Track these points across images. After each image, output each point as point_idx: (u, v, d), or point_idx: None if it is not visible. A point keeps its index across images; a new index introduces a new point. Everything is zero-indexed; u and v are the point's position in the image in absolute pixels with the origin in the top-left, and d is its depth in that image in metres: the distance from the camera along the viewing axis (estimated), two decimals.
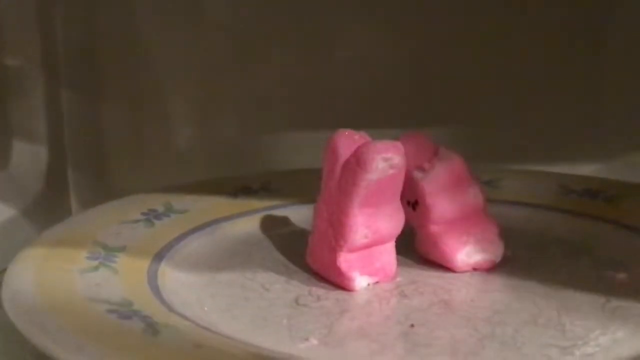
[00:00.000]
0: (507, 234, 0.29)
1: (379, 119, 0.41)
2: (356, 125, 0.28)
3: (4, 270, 0.25)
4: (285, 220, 0.33)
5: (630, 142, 0.44)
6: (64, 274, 0.25)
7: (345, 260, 0.26)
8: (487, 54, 0.43)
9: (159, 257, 0.28)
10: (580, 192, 0.35)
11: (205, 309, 0.25)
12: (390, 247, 0.28)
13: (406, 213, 0.28)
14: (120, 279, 0.25)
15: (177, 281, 0.27)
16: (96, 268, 0.26)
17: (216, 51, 0.43)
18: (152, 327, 0.21)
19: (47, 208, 0.41)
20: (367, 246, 0.27)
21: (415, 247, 0.29)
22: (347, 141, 0.27)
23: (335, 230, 0.27)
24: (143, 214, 0.31)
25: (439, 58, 0.43)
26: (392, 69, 0.43)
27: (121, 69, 0.43)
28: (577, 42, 0.43)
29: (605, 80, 0.44)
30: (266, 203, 0.34)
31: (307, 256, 0.28)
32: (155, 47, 0.43)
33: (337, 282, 0.27)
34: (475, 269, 0.28)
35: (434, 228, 0.28)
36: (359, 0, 0.43)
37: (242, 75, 0.44)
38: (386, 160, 0.25)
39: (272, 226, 0.33)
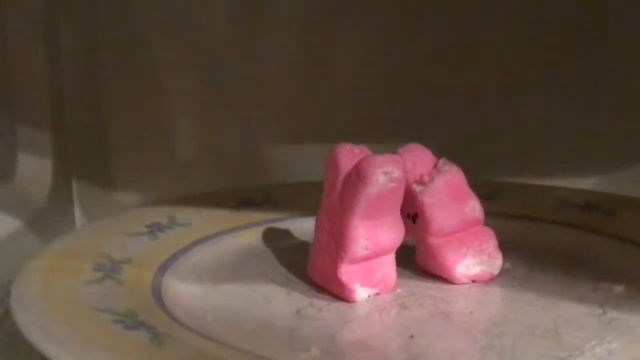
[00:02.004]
0: (506, 247, 0.29)
1: (380, 132, 0.42)
2: (357, 138, 0.28)
3: (11, 281, 0.26)
4: (286, 233, 0.34)
5: (630, 155, 0.44)
6: (70, 285, 0.25)
7: (346, 272, 0.27)
8: (486, 66, 0.43)
9: (163, 269, 0.28)
10: (578, 205, 0.35)
11: (209, 319, 0.25)
12: (390, 259, 0.28)
13: (406, 226, 0.28)
14: (125, 291, 0.26)
15: (180, 293, 0.27)
16: (101, 279, 0.26)
17: (218, 63, 0.43)
18: (157, 337, 0.21)
19: (52, 220, 0.41)
20: (368, 258, 0.27)
21: (415, 260, 0.30)
22: (348, 155, 0.27)
23: (336, 242, 0.27)
24: (147, 226, 0.32)
25: (438, 70, 0.43)
26: (392, 81, 0.44)
27: (124, 81, 0.44)
28: (576, 54, 0.43)
29: (605, 93, 0.44)
30: (268, 216, 0.34)
31: (309, 268, 0.29)
32: (157, 58, 0.43)
33: (338, 293, 0.27)
34: (474, 281, 0.29)
35: (433, 240, 0.29)
36: (359, 11, 0.43)
37: (244, 87, 0.44)
38: (386, 174, 0.26)
39: (274, 238, 0.33)
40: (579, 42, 0.43)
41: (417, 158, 0.29)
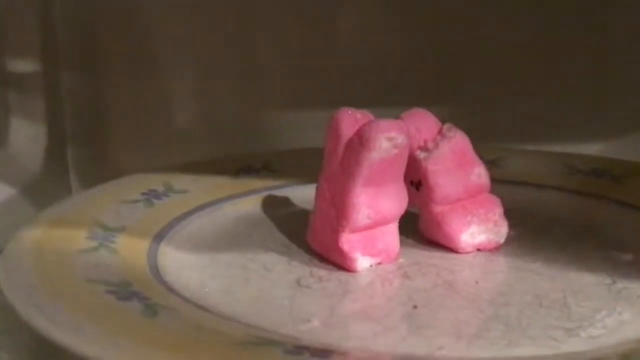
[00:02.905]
0: (512, 215, 0.29)
1: (382, 97, 0.41)
2: (359, 103, 0.27)
3: (2, 250, 0.25)
4: (286, 201, 0.33)
5: (636, 121, 0.43)
6: (63, 254, 0.24)
7: (347, 240, 0.26)
8: (491, 31, 0.43)
9: (159, 237, 0.28)
10: (585, 171, 0.35)
11: (206, 289, 0.25)
12: (393, 228, 0.27)
13: (409, 193, 0.27)
14: (119, 260, 0.25)
15: (177, 262, 0.27)
16: (95, 248, 0.25)
17: (216, 29, 0.43)
18: (151, 309, 0.21)
19: (47, 188, 0.41)
20: (370, 227, 0.26)
21: (418, 228, 0.29)
22: (350, 120, 0.26)
23: (337, 210, 0.26)
24: (143, 194, 0.31)
25: (442, 35, 0.43)
26: (395, 46, 0.43)
27: (121, 48, 0.43)
28: (581, 20, 0.43)
29: (611, 58, 0.43)
30: (267, 183, 0.34)
31: (309, 237, 0.28)
32: (155, 25, 0.43)
33: (339, 262, 0.27)
34: (479, 250, 0.28)
35: (437, 208, 0.28)
36: None
37: (243, 53, 0.43)
38: (389, 139, 0.25)
39: (274, 206, 0.33)
40: (584, 7, 0.42)
41: (421, 123, 0.28)
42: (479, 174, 0.28)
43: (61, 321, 0.20)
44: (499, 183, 0.30)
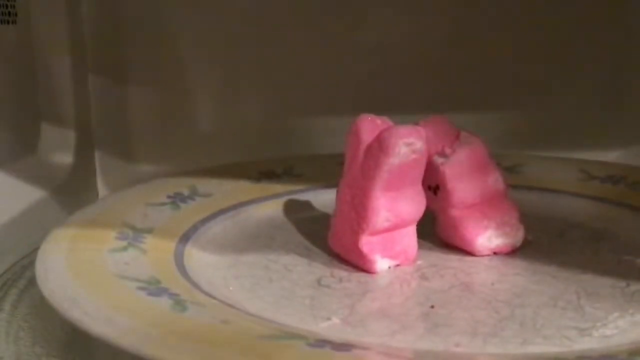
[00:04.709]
0: (528, 219, 0.29)
1: (402, 104, 0.42)
2: (379, 110, 0.28)
3: (35, 250, 0.26)
4: (307, 204, 0.34)
5: None
6: (95, 253, 0.25)
7: (367, 242, 0.27)
8: (510, 39, 0.43)
9: (185, 238, 0.29)
10: (602, 178, 0.35)
11: (230, 289, 0.26)
12: (411, 231, 0.28)
13: (427, 197, 0.28)
14: (148, 259, 0.26)
15: (202, 262, 0.28)
16: (125, 248, 0.26)
17: (240, 35, 0.44)
18: (180, 304, 0.22)
19: (74, 191, 0.41)
20: (389, 229, 0.27)
21: (436, 231, 0.30)
22: (370, 126, 0.27)
23: (357, 213, 0.27)
24: (169, 197, 0.32)
25: (461, 42, 0.43)
26: (415, 53, 0.43)
27: (147, 53, 0.44)
28: (601, 28, 0.43)
29: (629, 66, 0.43)
30: (289, 187, 0.34)
31: (330, 239, 0.29)
32: (181, 31, 0.44)
33: (359, 264, 0.27)
34: (495, 253, 0.29)
35: (454, 212, 0.29)
36: None
37: (266, 59, 0.44)
38: (408, 144, 0.26)
39: (295, 210, 0.33)
40: (602, 15, 0.43)
41: (439, 130, 0.29)
42: (496, 179, 0.29)
43: (96, 314, 0.20)
44: (516, 188, 0.30)
